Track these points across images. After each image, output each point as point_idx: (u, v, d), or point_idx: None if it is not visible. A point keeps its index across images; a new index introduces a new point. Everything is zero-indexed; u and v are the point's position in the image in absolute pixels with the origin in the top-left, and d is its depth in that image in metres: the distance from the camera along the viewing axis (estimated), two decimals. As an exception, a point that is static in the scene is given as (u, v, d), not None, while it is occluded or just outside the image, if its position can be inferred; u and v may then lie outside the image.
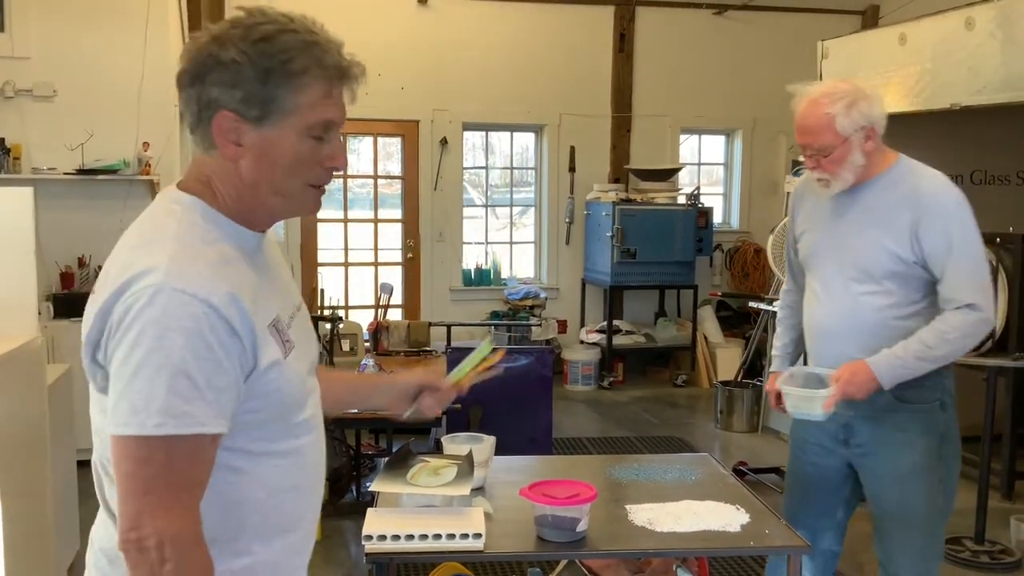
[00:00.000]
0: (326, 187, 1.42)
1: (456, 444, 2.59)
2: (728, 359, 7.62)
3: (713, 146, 8.63)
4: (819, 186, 2.53)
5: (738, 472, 5.16)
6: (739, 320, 8.19)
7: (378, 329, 5.88)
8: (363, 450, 5.00)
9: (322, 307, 5.75)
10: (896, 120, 5.65)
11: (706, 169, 8.62)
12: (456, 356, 2.61)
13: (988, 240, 5.04)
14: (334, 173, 1.41)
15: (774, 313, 6.00)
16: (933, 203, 2.42)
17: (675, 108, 8.08)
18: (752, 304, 6.06)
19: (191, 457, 1.22)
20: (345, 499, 4.73)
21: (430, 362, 5.44)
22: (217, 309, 1.23)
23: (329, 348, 4.59)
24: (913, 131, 5.65)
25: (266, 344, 1.30)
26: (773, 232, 5.48)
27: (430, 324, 5.79)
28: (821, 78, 5.72)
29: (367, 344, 5.87)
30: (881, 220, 2.46)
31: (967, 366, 4.54)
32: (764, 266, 8.17)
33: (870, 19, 8.17)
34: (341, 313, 7.36)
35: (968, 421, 5.80)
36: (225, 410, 1.25)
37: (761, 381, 6.46)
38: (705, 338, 7.70)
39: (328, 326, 4.63)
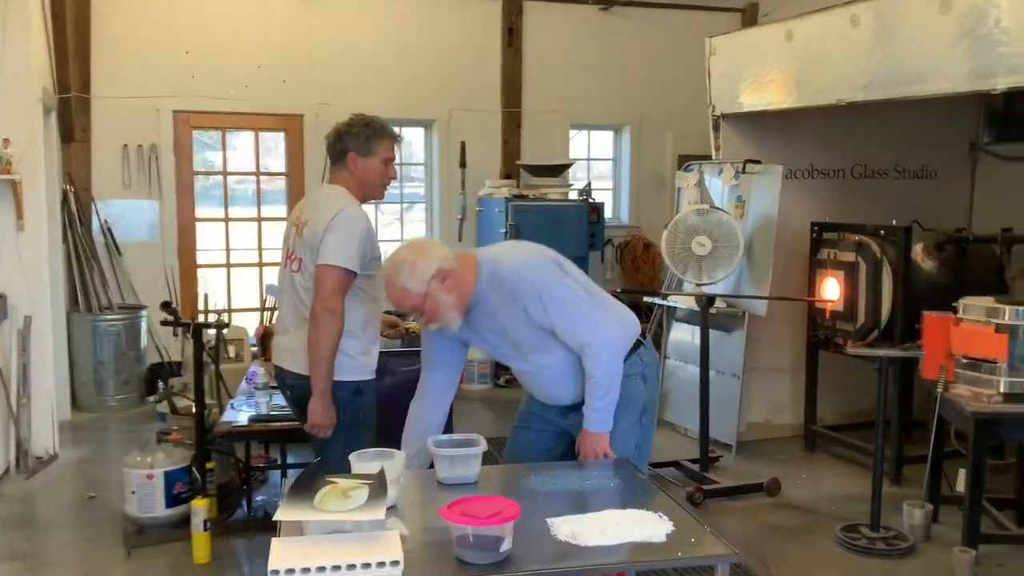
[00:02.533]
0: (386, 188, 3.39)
1: (364, 461, 2.43)
2: (622, 354, 7.64)
3: (602, 142, 8.66)
4: (441, 330, 2.84)
5: (639, 468, 5.15)
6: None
7: (266, 335, 5.60)
8: (253, 462, 4.75)
9: (206, 311, 5.44)
10: (781, 115, 5.85)
11: (595, 165, 8.64)
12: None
13: (872, 232, 5.22)
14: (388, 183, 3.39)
15: (671, 308, 6.09)
16: (517, 285, 2.79)
17: (565, 104, 8.05)
18: (647, 299, 6.07)
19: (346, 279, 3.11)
20: (236, 515, 4.47)
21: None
22: (368, 221, 3.20)
23: (215, 355, 4.32)
24: (797, 126, 5.81)
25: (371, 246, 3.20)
26: (667, 228, 5.49)
27: (321, 327, 5.54)
28: (709, 75, 5.78)
29: (254, 350, 5.59)
30: (508, 315, 2.81)
31: (859, 357, 4.65)
32: (654, 260, 8.26)
33: (749, 17, 8.35)
34: (225, 318, 7.06)
35: (853, 408, 6.02)
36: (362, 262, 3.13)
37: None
38: (599, 333, 7.69)
39: (212, 332, 4.35)
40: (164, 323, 4.23)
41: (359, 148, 3.20)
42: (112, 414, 6.47)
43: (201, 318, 5.36)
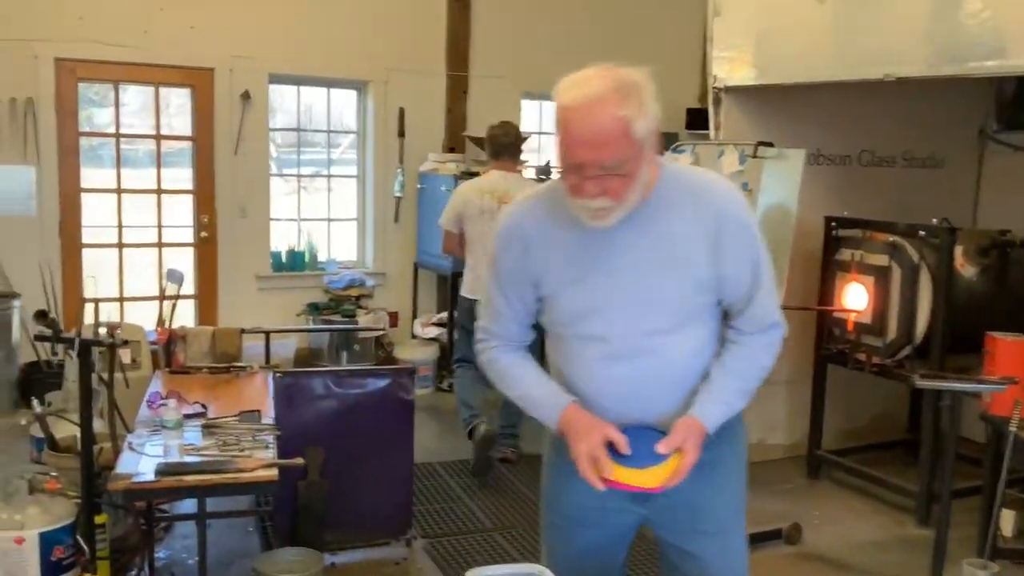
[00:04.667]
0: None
1: (274, 563, 1.51)
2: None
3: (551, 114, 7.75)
4: (588, 217, 1.85)
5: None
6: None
7: (171, 340, 4.54)
8: (157, 510, 3.74)
9: (96, 315, 4.31)
10: (787, 92, 5.03)
11: (545, 142, 7.73)
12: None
13: (906, 232, 4.51)
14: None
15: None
16: (731, 223, 1.92)
17: (517, 69, 7.12)
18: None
19: None
20: (134, 581, 3.47)
21: (242, 382, 4.22)
22: None
23: (108, 380, 3.26)
24: (805, 105, 5.05)
25: None
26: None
27: (242, 331, 4.52)
28: (710, 40, 4.94)
29: (153, 350, 4.54)
30: (674, 250, 1.90)
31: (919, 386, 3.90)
32: (611, 248, 7.44)
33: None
34: (114, 314, 5.95)
35: (851, 425, 5.34)
36: None
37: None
38: (553, 330, 6.85)
39: (98, 352, 3.26)
40: (40, 338, 3.15)
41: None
42: (-26, 427, 5.28)
43: (88, 320, 4.24)
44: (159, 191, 6.25)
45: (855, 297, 4.40)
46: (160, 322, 5.43)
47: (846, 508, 4.59)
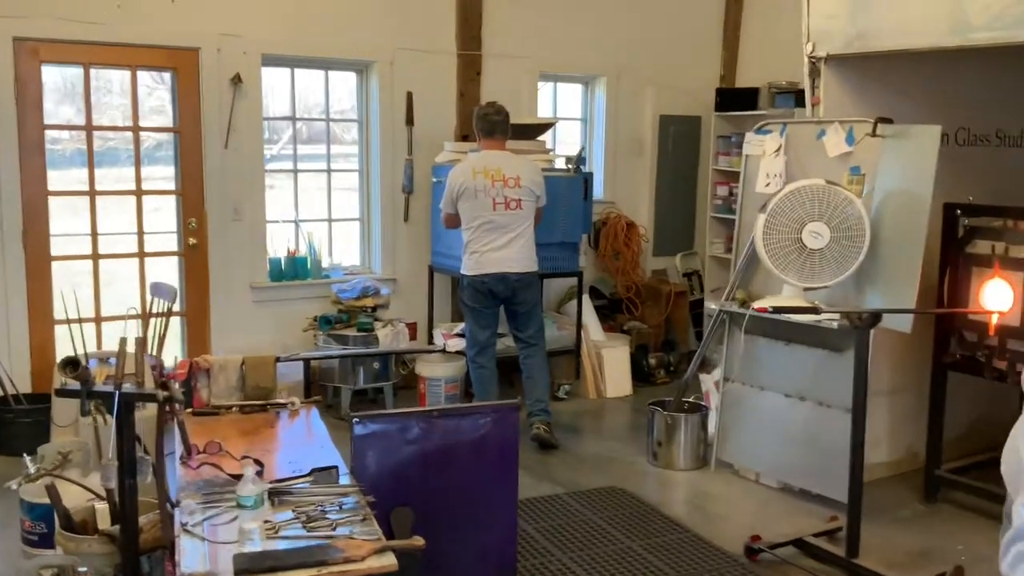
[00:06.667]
0: None
1: None
2: (616, 362, 6.17)
3: (567, 98, 7.07)
4: None
5: (749, 551, 3.69)
6: (613, 309, 6.76)
7: (191, 373, 3.72)
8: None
9: (71, 328, 3.45)
10: (887, 61, 4.34)
11: (560, 126, 7.02)
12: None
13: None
14: None
15: (734, 315, 4.55)
16: None
17: (534, 48, 6.40)
18: (712, 306, 4.59)
19: None
20: None
21: (284, 423, 3.44)
22: None
23: (157, 444, 2.43)
24: (904, 78, 4.47)
25: None
26: (764, 210, 4.00)
27: (278, 359, 3.72)
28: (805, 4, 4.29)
29: (178, 392, 3.70)
30: None
31: None
32: (637, 243, 6.80)
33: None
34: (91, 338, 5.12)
35: (953, 435, 4.80)
36: None
37: (699, 400, 5.04)
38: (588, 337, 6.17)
39: (143, 407, 2.44)
40: (62, 393, 2.35)
41: None
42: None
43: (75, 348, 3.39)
44: (139, 192, 5.35)
45: (999, 296, 3.81)
46: (141, 344, 4.63)
47: (985, 541, 4.00)
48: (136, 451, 2.42)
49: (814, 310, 3.55)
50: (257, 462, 2.88)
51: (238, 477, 2.66)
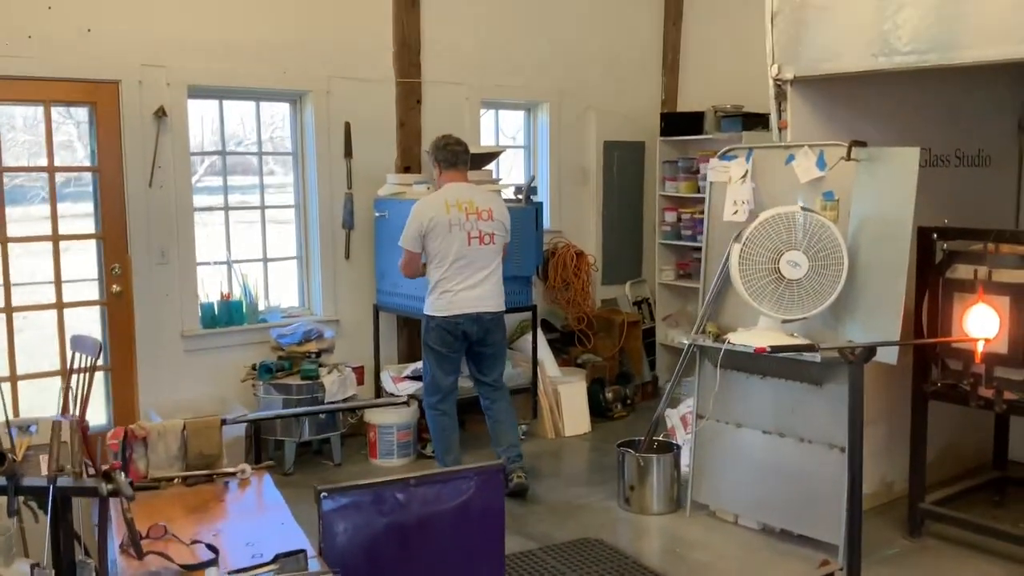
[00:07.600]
0: None
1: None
2: (573, 398, 5.93)
3: (507, 124, 6.85)
4: None
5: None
6: (565, 342, 6.52)
7: (126, 442, 3.32)
8: None
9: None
10: (853, 82, 4.16)
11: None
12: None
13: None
14: None
15: (705, 349, 4.30)
16: None
17: (475, 73, 6.17)
18: (683, 341, 4.36)
19: None
20: None
21: (233, 495, 3.08)
22: None
23: (99, 542, 2.06)
24: (868, 99, 4.37)
25: None
26: (739, 240, 3.82)
27: (223, 422, 3.35)
28: (772, 20, 4.15)
29: (125, 485, 3.30)
30: None
31: None
32: (587, 272, 6.58)
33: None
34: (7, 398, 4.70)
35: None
36: None
37: (667, 438, 4.81)
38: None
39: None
40: (-19, 492, 1.97)
41: None
42: None
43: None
44: (55, 237, 4.90)
45: (984, 322, 3.69)
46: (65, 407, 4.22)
47: (979, 572, 3.86)
48: (75, 553, 2.04)
49: (811, 347, 3.35)
50: (211, 547, 2.54)
51: (191, 568, 2.32)
